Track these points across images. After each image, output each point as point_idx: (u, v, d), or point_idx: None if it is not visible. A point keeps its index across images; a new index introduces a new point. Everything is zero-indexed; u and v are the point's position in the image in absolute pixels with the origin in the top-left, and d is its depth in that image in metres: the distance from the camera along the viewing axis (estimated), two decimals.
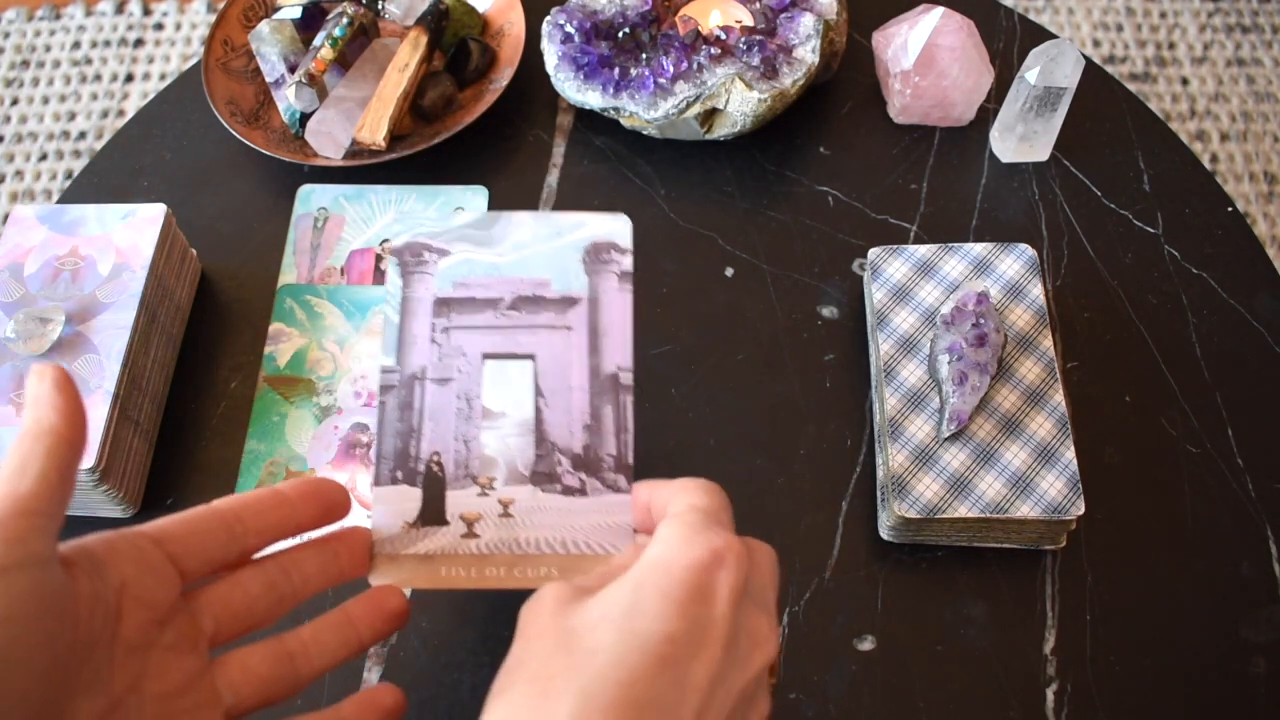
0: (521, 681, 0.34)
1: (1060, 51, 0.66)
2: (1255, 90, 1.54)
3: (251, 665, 0.40)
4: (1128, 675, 0.55)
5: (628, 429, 0.45)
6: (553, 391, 0.46)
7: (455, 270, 0.48)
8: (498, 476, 0.45)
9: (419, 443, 0.45)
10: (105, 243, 0.64)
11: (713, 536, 0.36)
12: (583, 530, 0.44)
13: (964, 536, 0.58)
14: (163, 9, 1.69)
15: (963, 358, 0.58)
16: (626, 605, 0.34)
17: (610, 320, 0.47)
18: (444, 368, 0.47)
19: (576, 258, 0.47)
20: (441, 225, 0.48)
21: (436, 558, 0.44)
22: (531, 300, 0.47)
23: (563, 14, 0.72)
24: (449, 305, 0.47)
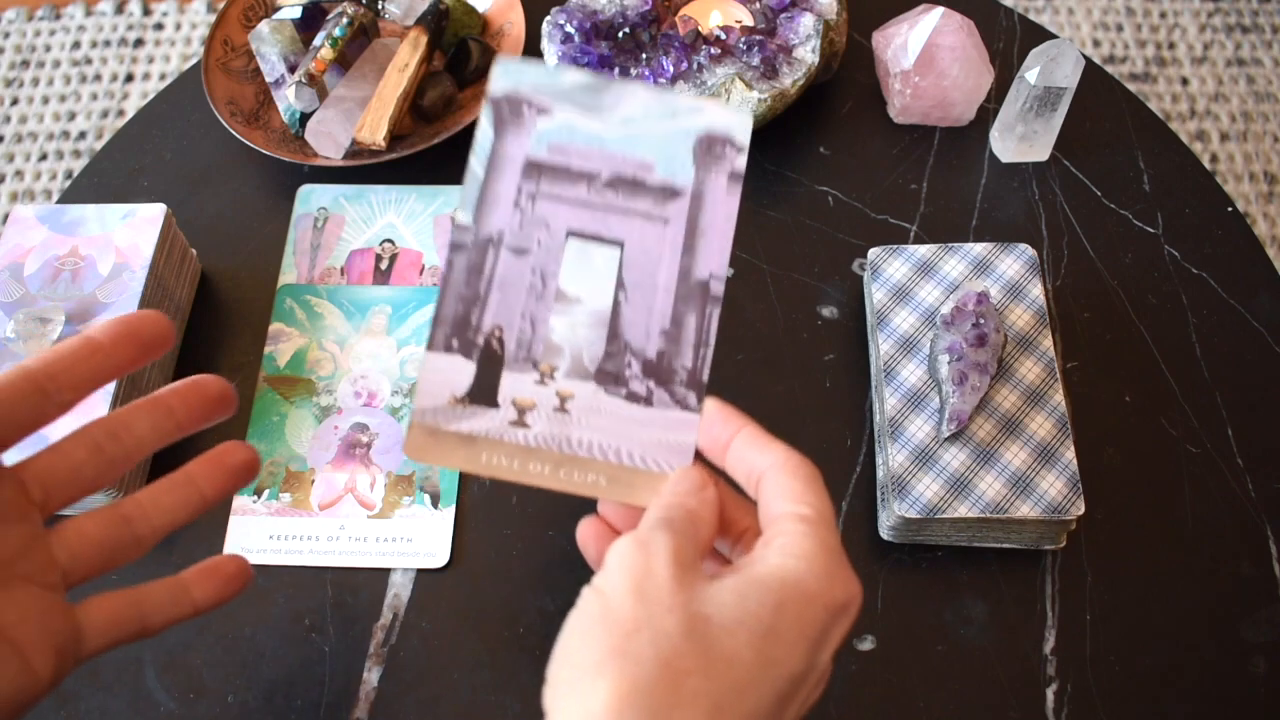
0: (650, 660, 0.32)
1: (1060, 51, 0.66)
2: (1255, 90, 1.54)
3: (87, 530, 0.40)
4: (1128, 675, 0.55)
5: (708, 343, 0.42)
6: (635, 286, 0.42)
7: (554, 133, 0.43)
8: (560, 366, 0.41)
9: (482, 313, 0.42)
10: (105, 243, 0.64)
11: (850, 580, 0.35)
12: (640, 443, 0.40)
13: (964, 536, 0.58)
14: (163, 9, 1.69)
15: (963, 358, 0.58)
16: (768, 625, 0.33)
17: (711, 221, 0.43)
18: (523, 237, 0.42)
19: (687, 145, 0.43)
20: (548, 78, 0.43)
21: (479, 440, 0.41)
22: (630, 182, 0.43)
23: (563, 14, 0.72)
24: (540, 170, 0.43)
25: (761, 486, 0.38)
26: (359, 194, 0.73)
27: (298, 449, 0.63)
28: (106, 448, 0.40)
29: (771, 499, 0.37)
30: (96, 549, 0.40)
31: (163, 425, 0.42)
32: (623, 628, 0.33)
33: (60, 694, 0.56)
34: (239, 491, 0.62)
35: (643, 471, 0.40)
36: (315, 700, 0.56)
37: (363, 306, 0.68)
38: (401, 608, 0.58)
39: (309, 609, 0.58)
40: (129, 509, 0.41)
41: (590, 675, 0.32)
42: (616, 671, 0.32)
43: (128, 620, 0.41)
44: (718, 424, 0.40)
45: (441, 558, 0.59)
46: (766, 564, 0.35)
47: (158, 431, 0.41)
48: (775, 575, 0.34)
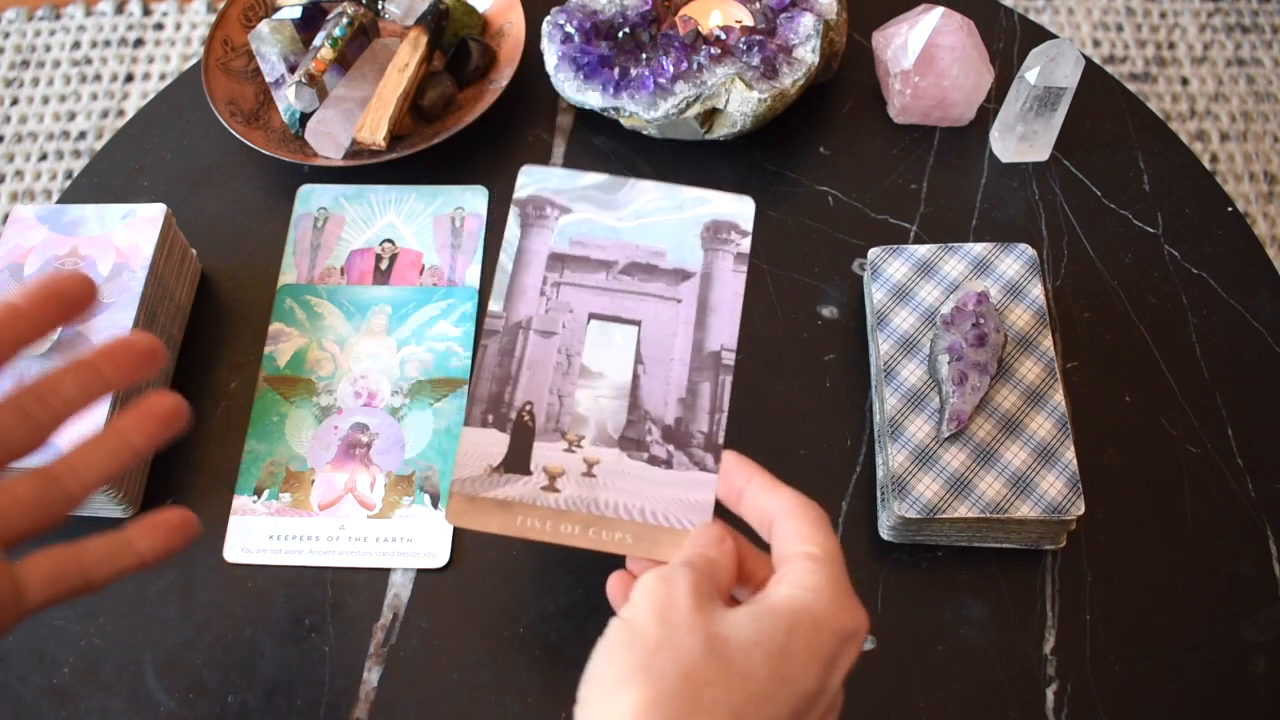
0: (672, 672, 0.34)
1: (1060, 51, 0.66)
2: (1255, 90, 1.54)
3: (17, 491, 0.40)
4: (1128, 675, 0.55)
5: (723, 409, 0.46)
6: (653, 360, 0.46)
7: (574, 228, 0.48)
8: (586, 435, 0.45)
9: (514, 390, 0.46)
10: (105, 243, 0.64)
11: (857, 609, 0.38)
12: (663, 502, 0.44)
13: (964, 536, 0.58)
14: (163, 9, 1.69)
15: (963, 358, 0.58)
16: (781, 645, 0.36)
17: (720, 298, 0.47)
18: (549, 320, 0.47)
19: (695, 233, 0.48)
20: (568, 182, 0.49)
21: (514, 505, 0.44)
22: (645, 268, 0.47)
23: (563, 14, 0.72)
24: (563, 261, 0.48)
25: (774, 529, 0.41)
26: (359, 194, 0.73)
27: (298, 449, 0.63)
28: (33, 412, 0.41)
29: (783, 540, 0.40)
30: (27, 508, 0.40)
31: (90, 385, 0.42)
32: (646, 647, 0.35)
33: (60, 694, 0.57)
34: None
35: (666, 528, 0.43)
36: (315, 700, 0.56)
37: (363, 306, 0.68)
38: (401, 608, 0.58)
39: (309, 609, 0.58)
40: (58, 469, 0.42)
41: (616, 689, 0.34)
42: (641, 684, 0.34)
43: (69, 574, 0.41)
44: (732, 474, 0.43)
45: (441, 558, 0.59)
46: (779, 595, 0.38)
47: (85, 390, 0.42)
48: (786, 603, 0.37)
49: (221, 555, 0.60)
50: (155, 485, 0.62)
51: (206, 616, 0.58)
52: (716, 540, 0.41)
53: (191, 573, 0.60)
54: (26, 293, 0.41)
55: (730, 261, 0.47)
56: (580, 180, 0.49)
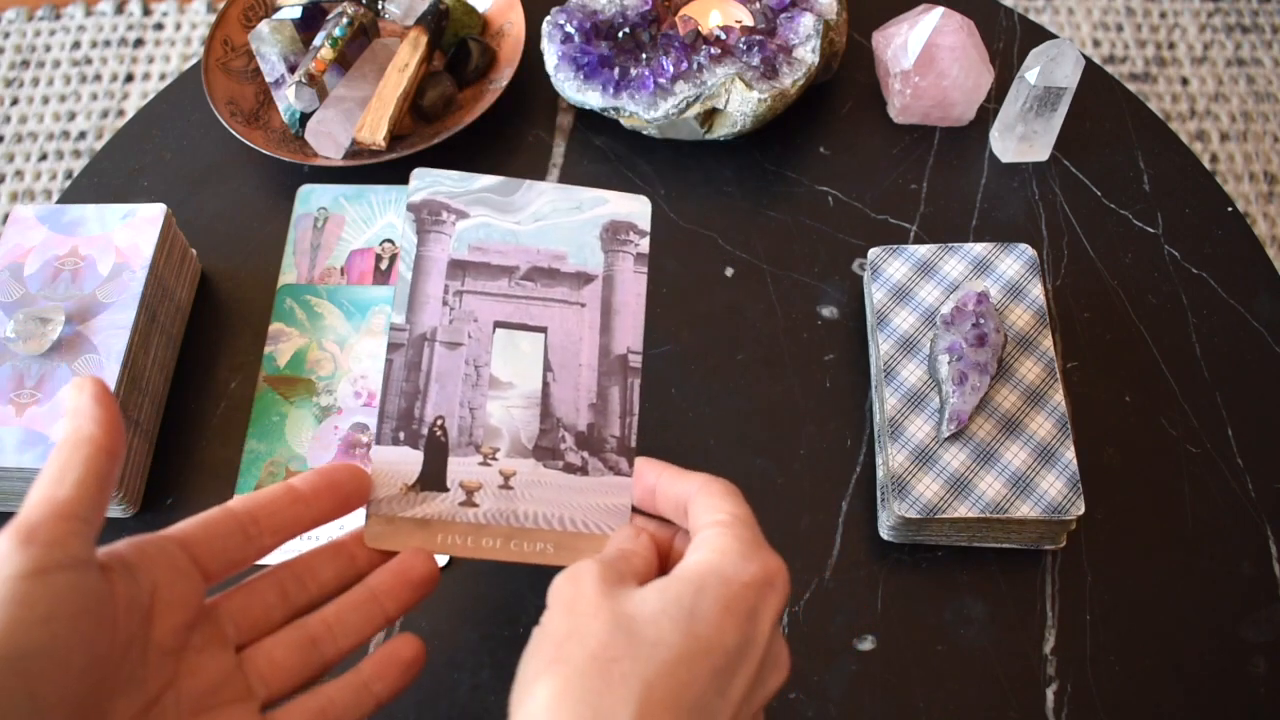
0: (580, 656, 0.34)
1: (1060, 51, 0.66)
2: (1255, 90, 1.54)
3: (277, 657, 0.40)
4: (1128, 675, 0.55)
5: (633, 412, 0.45)
6: (561, 367, 0.46)
7: (473, 233, 0.47)
8: (501, 447, 0.45)
9: (424, 405, 0.45)
10: (105, 243, 0.64)
11: (768, 557, 0.38)
12: (581, 509, 0.44)
13: (964, 536, 0.58)
14: (163, 9, 1.69)
15: (963, 358, 0.58)
16: (689, 607, 0.35)
17: (623, 301, 0.47)
18: (454, 331, 0.46)
19: (594, 234, 0.47)
20: (461, 185, 0.47)
21: (433, 523, 0.43)
22: (547, 272, 0.47)
23: (563, 14, 0.72)
24: (464, 268, 0.47)
25: (689, 513, 0.41)
26: (359, 194, 0.73)
27: (298, 449, 0.63)
28: (292, 592, 0.42)
29: (695, 518, 0.40)
30: (286, 674, 0.41)
31: (345, 572, 0.43)
32: (554, 640, 0.35)
33: None
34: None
35: (586, 535, 0.43)
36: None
37: (363, 306, 0.68)
38: None
39: None
40: (316, 629, 0.41)
41: (531, 685, 0.34)
42: (550, 674, 0.34)
43: None
44: (643, 474, 0.43)
45: (441, 558, 0.59)
46: (686, 563, 0.38)
47: (340, 578, 0.43)
48: (693, 569, 0.37)
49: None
50: (156, 485, 0.62)
51: None
52: (630, 536, 0.41)
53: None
54: (308, 480, 0.42)
55: (630, 263, 0.47)
56: (475, 183, 0.47)
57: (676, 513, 0.42)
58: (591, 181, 0.73)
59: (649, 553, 0.41)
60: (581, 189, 0.48)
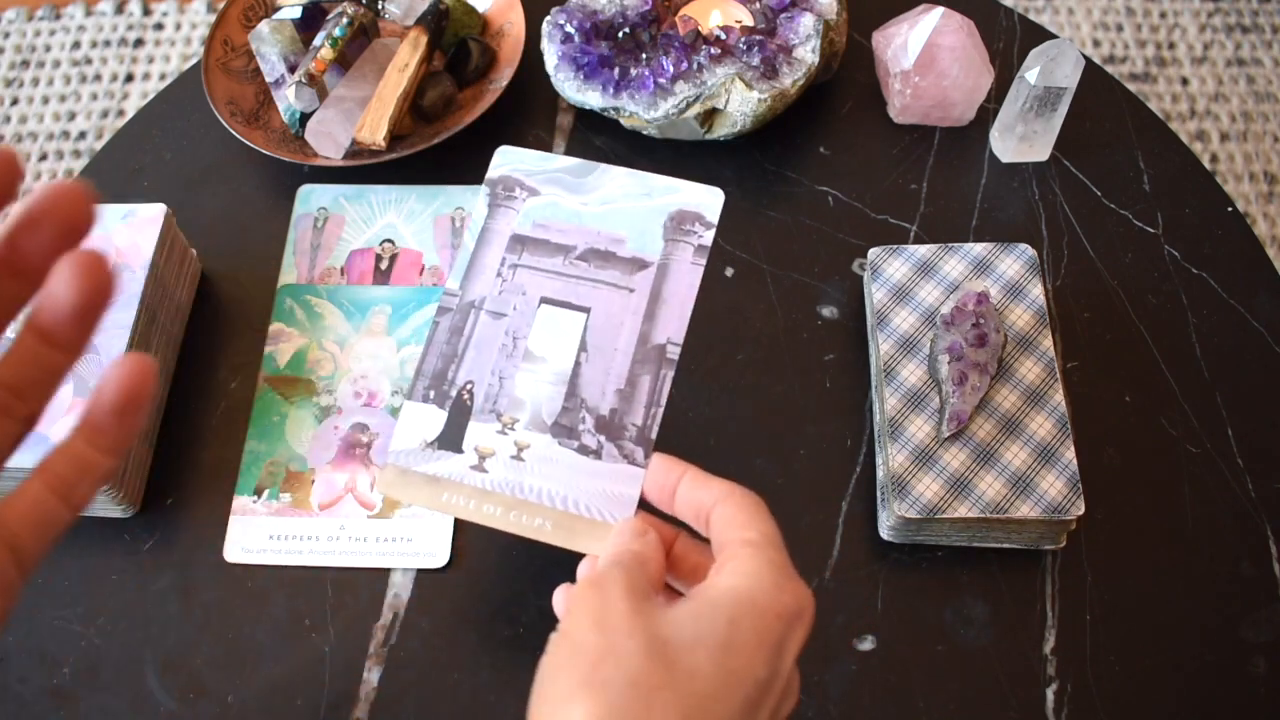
0: (618, 681, 0.34)
1: (1060, 51, 0.66)
2: (1255, 90, 1.54)
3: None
4: (1128, 675, 0.55)
5: (660, 403, 0.45)
6: (597, 349, 0.46)
7: (539, 211, 0.48)
8: (521, 419, 0.45)
9: (458, 368, 0.46)
10: (105, 243, 0.64)
11: (799, 589, 0.37)
12: (587, 492, 0.44)
13: (964, 536, 0.58)
14: (163, 9, 1.69)
15: (963, 358, 0.58)
16: (724, 638, 0.35)
17: (673, 290, 0.47)
18: (502, 302, 0.47)
19: (659, 221, 0.48)
20: (540, 164, 0.49)
21: (442, 482, 0.44)
22: (602, 254, 0.47)
23: (563, 14, 0.72)
24: (523, 243, 0.48)
25: (710, 521, 0.40)
26: (359, 194, 0.73)
27: (298, 449, 0.63)
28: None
29: (720, 530, 0.39)
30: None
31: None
32: (588, 658, 0.35)
33: (61, 694, 0.57)
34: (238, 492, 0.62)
35: (586, 519, 0.43)
36: (315, 700, 0.56)
37: (363, 306, 0.68)
38: (401, 608, 0.58)
39: (309, 609, 0.58)
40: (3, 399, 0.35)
41: (565, 705, 0.34)
42: (588, 697, 0.33)
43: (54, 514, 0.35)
44: (663, 472, 0.42)
45: (441, 558, 0.59)
46: (718, 586, 0.37)
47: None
48: (727, 595, 0.36)
49: (221, 555, 0.60)
50: (156, 485, 0.62)
51: (206, 616, 0.58)
52: (639, 533, 0.41)
53: (191, 573, 0.60)
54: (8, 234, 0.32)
55: (690, 253, 0.47)
56: (553, 163, 0.49)
57: (696, 518, 0.41)
58: None
59: (660, 556, 0.41)
60: (657, 176, 0.48)
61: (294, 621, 0.58)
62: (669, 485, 0.42)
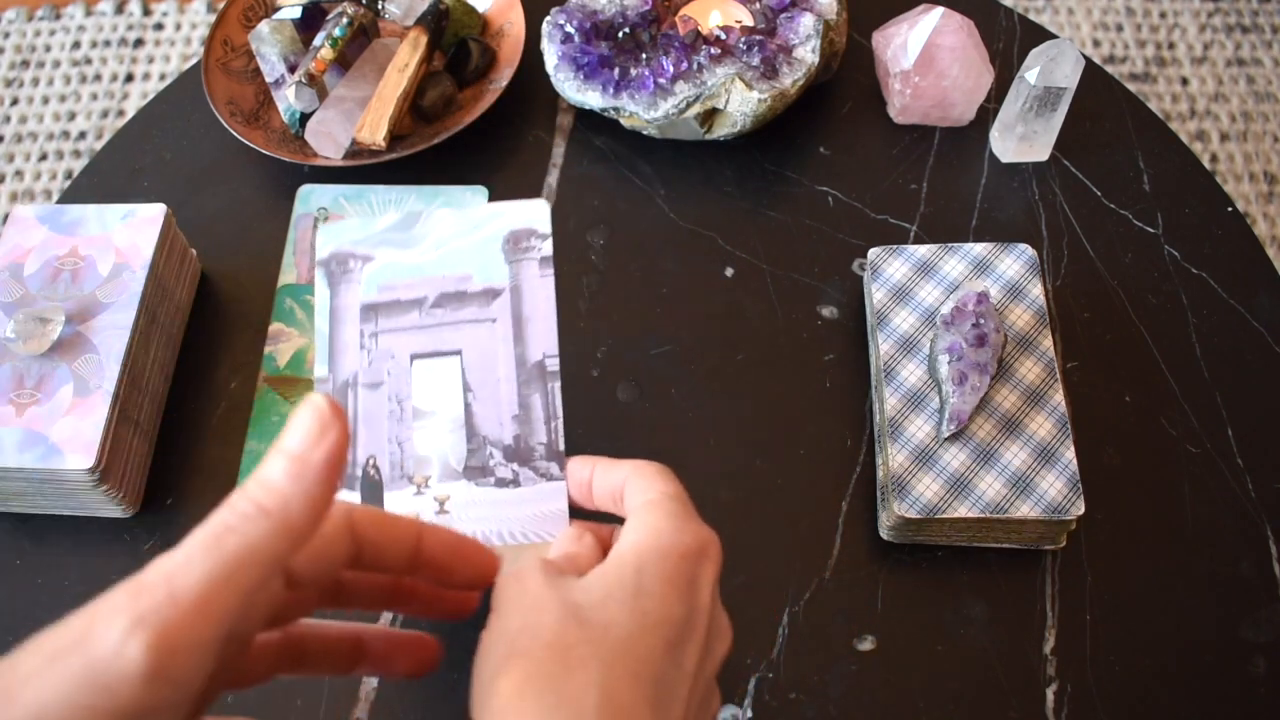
0: (535, 648, 0.34)
1: (1060, 51, 0.66)
2: (1255, 90, 1.54)
3: None
4: (1128, 675, 0.55)
5: (557, 415, 0.45)
6: (480, 384, 0.46)
7: (380, 275, 0.48)
8: (432, 474, 0.45)
9: (355, 448, 0.46)
10: (105, 243, 0.64)
11: (699, 528, 0.38)
12: (519, 520, 0.44)
13: (964, 536, 0.58)
14: (163, 9, 1.69)
15: (963, 358, 0.58)
16: (632, 586, 0.36)
17: (533, 308, 0.47)
18: (374, 372, 0.47)
19: (497, 248, 0.48)
20: (363, 231, 0.48)
21: None
22: (455, 296, 0.47)
23: (563, 14, 0.72)
24: (376, 310, 0.48)
25: (624, 499, 0.41)
26: (359, 194, 0.73)
27: None
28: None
29: (628, 502, 0.40)
30: None
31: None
32: (508, 637, 0.35)
33: None
34: None
35: (527, 546, 0.44)
36: (315, 700, 0.56)
37: None
38: None
39: None
40: None
41: (490, 682, 0.34)
42: (510, 668, 0.34)
43: None
44: (576, 471, 0.43)
45: None
46: (621, 545, 0.38)
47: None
48: (630, 549, 0.37)
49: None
50: (156, 485, 0.62)
51: None
52: (575, 538, 0.42)
53: None
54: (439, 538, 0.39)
55: (535, 268, 0.47)
56: (376, 225, 0.48)
57: (613, 502, 0.42)
58: (591, 181, 0.73)
59: (593, 551, 0.41)
60: (477, 208, 0.48)
61: None
62: (584, 481, 0.43)
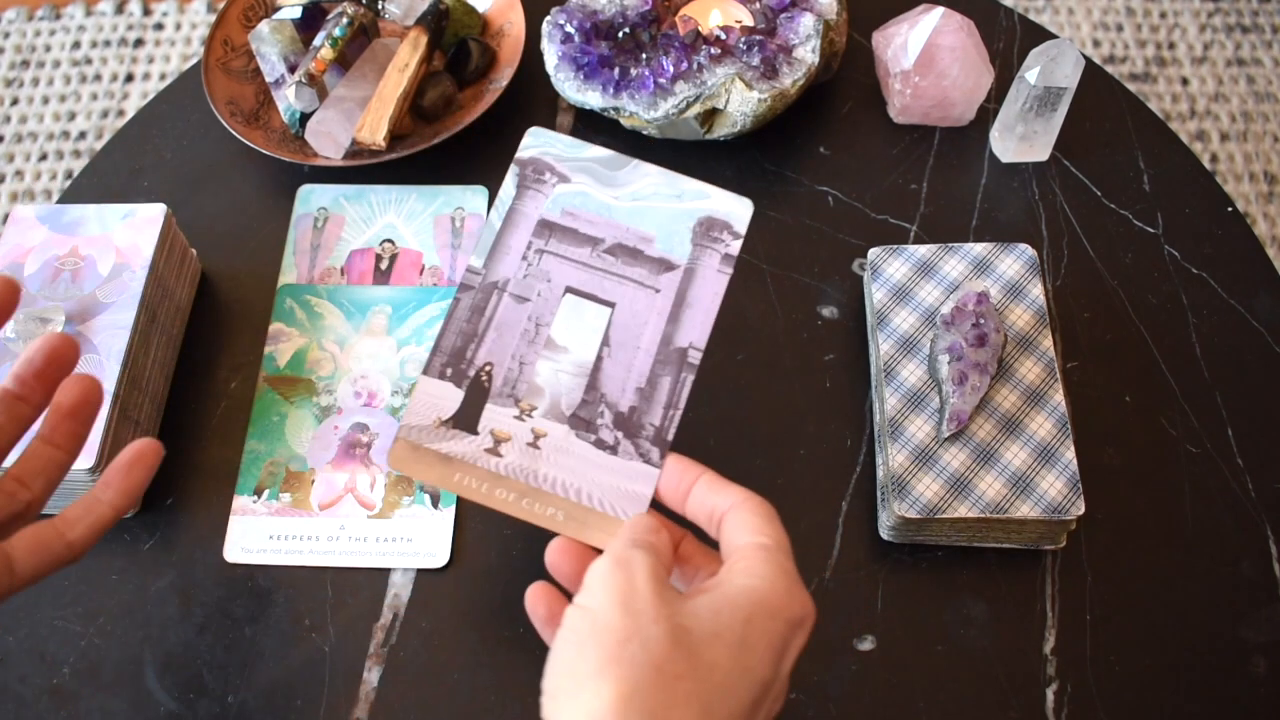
0: (644, 665, 0.35)
1: (1060, 51, 0.66)
2: (1255, 90, 1.54)
3: None
4: (1128, 675, 0.55)
5: (678, 406, 0.45)
6: (619, 345, 0.46)
7: (569, 199, 0.48)
8: (539, 406, 0.45)
9: (477, 348, 0.46)
10: (105, 243, 0.64)
11: (806, 598, 0.39)
12: (601, 486, 0.44)
13: (964, 536, 0.58)
14: (163, 9, 1.69)
15: (963, 358, 0.58)
16: (740, 635, 0.36)
17: (698, 295, 0.47)
18: (525, 286, 0.47)
19: (688, 225, 0.47)
20: (572, 151, 0.48)
21: (455, 462, 0.44)
22: (631, 251, 0.47)
23: (563, 14, 0.72)
24: (551, 229, 0.47)
25: (724, 524, 0.41)
26: (359, 194, 0.73)
27: (298, 449, 0.63)
28: None
29: (733, 532, 0.40)
30: None
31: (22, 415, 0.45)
32: (614, 637, 0.35)
33: (61, 694, 0.57)
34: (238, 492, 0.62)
35: (598, 513, 0.43)
36: (315, 700, 0.56)
37: (363, 306, 0.68)
38: (401, 608, 0.58)
39: (309, 609, 0.58)
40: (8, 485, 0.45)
41: (591, 681, 0.34)
42: (615, 676, 0.34)
43: (51, 543, 0.43)
44: (678, 474, 0.43)
45: (441, 558, 0.59)
46: (733, 585, 0.38)
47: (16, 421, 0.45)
48: (743, 594, 0.38)
49: (221, 555, 0.60)
50: (156, 485, 0.62)
51: (206, 616, 0.58)
52: (654, 529, 0.42)
53: (191, 573, 0.60)
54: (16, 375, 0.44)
55: (717, 261, 0.47)
56: (585, 151, 0.48)
57: (708, 521, 0.42)
58: None
59: (670, 556, 0.41)
60: (687, 179, 0.48)
61: (294, 621, 0.58)
62: (684, 487, 0.43)
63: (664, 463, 0.44)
